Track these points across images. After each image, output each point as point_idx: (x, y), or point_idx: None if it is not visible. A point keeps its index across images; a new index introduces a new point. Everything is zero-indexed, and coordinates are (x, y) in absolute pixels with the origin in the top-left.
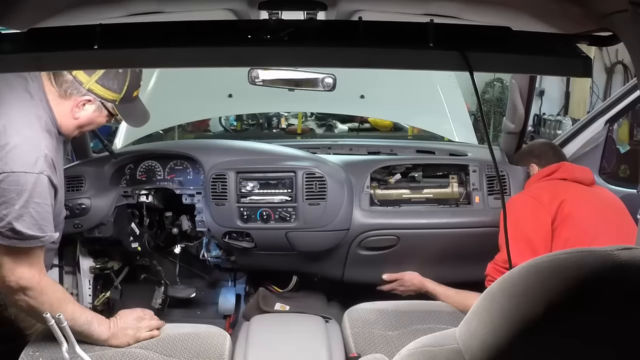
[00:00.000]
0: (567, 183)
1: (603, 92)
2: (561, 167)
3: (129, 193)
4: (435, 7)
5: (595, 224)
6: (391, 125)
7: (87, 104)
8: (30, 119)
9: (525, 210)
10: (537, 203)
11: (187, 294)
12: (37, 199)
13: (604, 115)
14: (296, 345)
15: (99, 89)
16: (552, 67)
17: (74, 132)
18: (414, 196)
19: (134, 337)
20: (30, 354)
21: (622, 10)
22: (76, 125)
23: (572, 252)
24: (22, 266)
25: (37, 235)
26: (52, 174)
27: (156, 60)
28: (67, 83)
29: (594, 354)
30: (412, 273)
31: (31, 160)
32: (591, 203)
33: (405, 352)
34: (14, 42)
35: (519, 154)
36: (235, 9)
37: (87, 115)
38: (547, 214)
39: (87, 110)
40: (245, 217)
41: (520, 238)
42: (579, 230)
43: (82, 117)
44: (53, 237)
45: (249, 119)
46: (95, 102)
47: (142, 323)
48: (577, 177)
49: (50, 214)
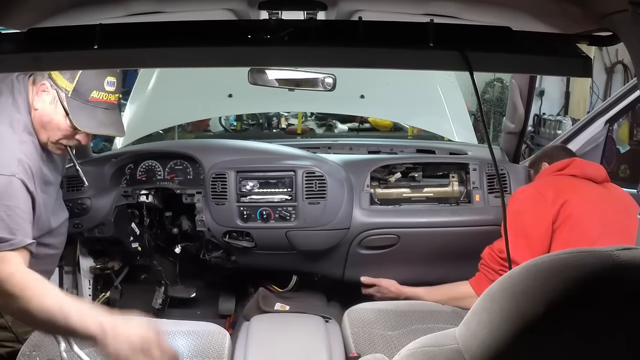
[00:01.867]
0: (576, 180)
1: (603, 92)
2: (573, 163)
3: (129, 193)
4: (435, 7)
5: (598, 226)
6: (391, 125)
7: (44, 91)
8: (9, 122)
9: (528, 203)
10: (540, 198)
11: (187, 294)
12: (8, 202)
13: (604, 115)
14: (296, 345)
15: (55, 73)
16: (552, 67)
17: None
18: (414, 195)
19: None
20: (27, 353)
21: (622, 10)
22: (37, 121)
23: (572, 252)
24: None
25: (6, 237)
26: (26, 178)
27: (156, 60)
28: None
29: (593, 354)
30: (390, 281)
31: (3, 162)
32: (597, 204)
33: (405, 352)
34: (14, 42)
35: (532, 158)
36: (235, 9)
37: (44, 108)
38: (548, 211)
39: (44, 100)
40: (245, 216)
41: (518, 230)
42: (580, 232)
43: (40, 109)
44: (24, 241)
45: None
46: (50, 91)
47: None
48: (588, 173)
49: (24, 219)
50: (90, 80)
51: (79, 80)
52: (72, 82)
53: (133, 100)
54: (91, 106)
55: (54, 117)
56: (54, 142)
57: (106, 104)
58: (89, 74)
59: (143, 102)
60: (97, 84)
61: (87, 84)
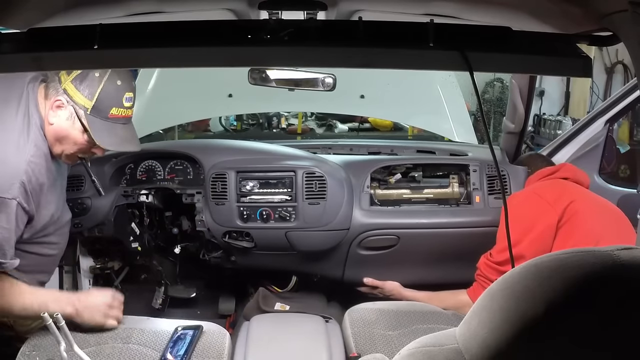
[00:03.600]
0: (571, 183)
1: (603, 92)
2: (563, 167)
3: (129, 193)
4: (435, 7)
5: (600, 225)
6: (391, 125)
7: (59, 107)
8: (16, 137)
9: (526, 205)
10: (539, 199)
11: (187, 294)
12: (6, 225)
13: (604, 115)
14: (296, 345)
15: (71, 89)
16: (552, 67)
17: (55, 150)
18: (414, 196)
19: (99, 322)
20: (26, 353)
21: (622, 10)
22: (52, 135)
23: (572, 252)
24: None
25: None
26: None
27: (156, 60)
28: (53, 82)
29: (593, 354)
30: (393, 283)
31: (5, 185)
32: (596, 205)
33: (405, 352)
34: (14, 42)
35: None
36: (235, 9)
37: (60, 124)
38: (552, 210)
39: (60, 116)
40: (245, 216)
41: (521, 230)
42: (584, 231)
43: (56, 124)
44: (14, 264)
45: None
46: (67, 107)
47: (111, 312)
48: (579, 178)
49: (12, 239)
50: (110, 97)
51: (99, 97)
52: (92, 99)
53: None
54: (111, 123)
55: (71, 133)
56: (68, 154)
57: (124, 119)
58: (109, 91)
59: (143, 102)
60: (117, 101)
61: (106, 101)
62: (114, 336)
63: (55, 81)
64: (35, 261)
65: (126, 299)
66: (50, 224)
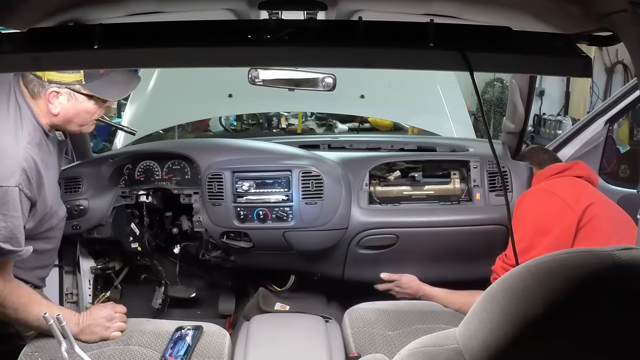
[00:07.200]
0: (585, 182)
1: (603, 92)
2: (576, 165)
3: (127, 193)
4: (435, 7)
5: (616, 230)
6: (391, 125)
7: (55, 96)
8: (12, 128)
9: (541, 204)
10: (560, 200)
11: (187, 294)
12: (14, 213)
13: (604, 115)
14: (296, 345)
15: (56, 75)
16: (552, 67)
17: (73, 128)
18: (414, 193)
19: (102, 336)
20: (29, 354)
21: (622, 10)
22: (62, 120)
23: (572, 252)
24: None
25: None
26: (27, 187)
27: (156, 60)
28: (32, 82)
29: (593, 354)
30: (410, 276)
31: (6, 173)
32: (610, 207)
33: (405, 352)
34: (14, 42)
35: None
36: (235, 9)
37: (65, 108)
38: (572, 214)
39: (61, 102)
40: (242, 217)
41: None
42: (602, 236)
43: (61, 111)
44: (29, 250)
45: (249, 118)
46: (62, 91)
47: (112, 323)
48: (592, 177)
49: (22, 227)
50: None
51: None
52: (79, 70)
53: (133, 101)
54: (106, 75)
55: (79, 107)
56: (86, 124)
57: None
58: None
59: (143, 102)
60: None
61: None
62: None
63: (34, 80)
64: (35, 257)
65: (126, 299)
66: (49, 216)
